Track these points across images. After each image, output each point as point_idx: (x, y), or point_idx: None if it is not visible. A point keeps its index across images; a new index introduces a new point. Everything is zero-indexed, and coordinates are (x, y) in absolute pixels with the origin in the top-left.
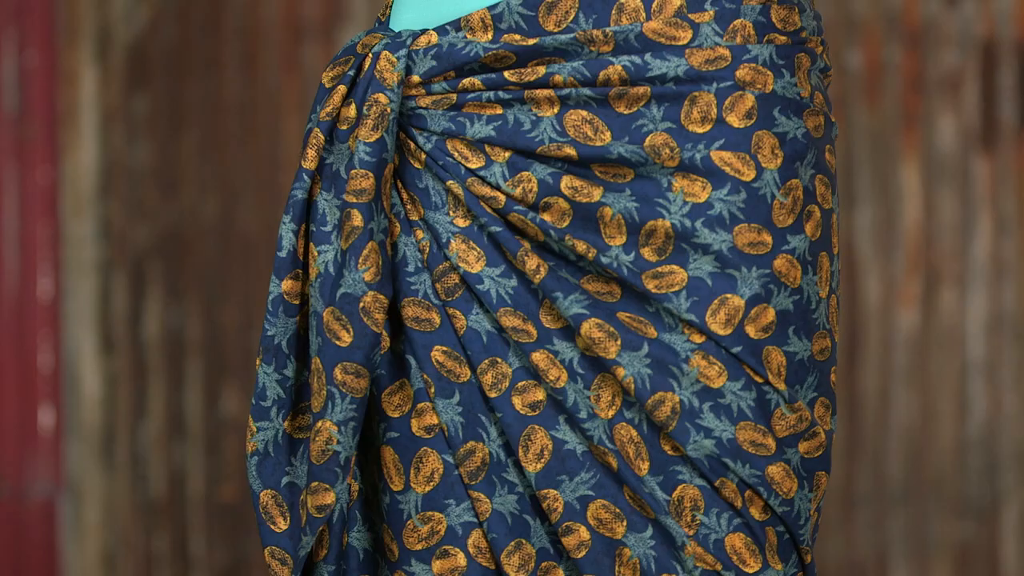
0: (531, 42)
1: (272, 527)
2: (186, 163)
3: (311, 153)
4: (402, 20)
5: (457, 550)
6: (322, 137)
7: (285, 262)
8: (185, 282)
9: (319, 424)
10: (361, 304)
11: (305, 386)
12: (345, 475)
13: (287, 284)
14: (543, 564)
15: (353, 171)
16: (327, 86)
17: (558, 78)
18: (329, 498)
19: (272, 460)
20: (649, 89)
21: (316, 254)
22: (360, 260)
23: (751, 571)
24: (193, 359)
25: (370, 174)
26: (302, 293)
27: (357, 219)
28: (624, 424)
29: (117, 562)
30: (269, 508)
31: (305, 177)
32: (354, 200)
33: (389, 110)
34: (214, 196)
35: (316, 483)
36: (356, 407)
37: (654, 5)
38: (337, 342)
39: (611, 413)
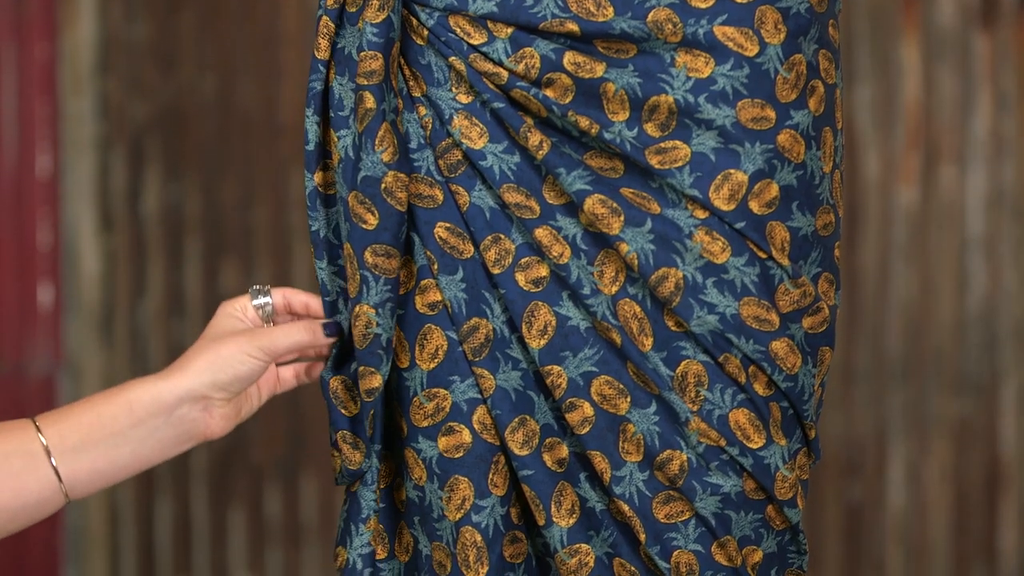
0: None
1: (344, 411)
2: (185, 39)
3: (323, 43)
4: None
5: (462, 426)
6: (332, 25)
7: (313, 155)
8: (184, 159)
9: (357, 309)
10: (383, 185)
11: None
12: (388, 357)
13: (319, 176)
14: (547, 440)
15: (362, 53)
16: None
17: None
18: (376, 381)
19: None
20: None
21: (336, 139)
22: (376, 142)
23: (755, 446)
24: (192, 236)
25: (379, 55)
26: (336, 182)
27: (370, 101)
28: (627, 300)
29: None
30: (339, 393)
31: (320, 67)
32: (365, 82)
33: None
34: (213, 72)
35: (363, 367)
36: (391, 288)
37: None
38: (364, 225)
39: (614, 289)
